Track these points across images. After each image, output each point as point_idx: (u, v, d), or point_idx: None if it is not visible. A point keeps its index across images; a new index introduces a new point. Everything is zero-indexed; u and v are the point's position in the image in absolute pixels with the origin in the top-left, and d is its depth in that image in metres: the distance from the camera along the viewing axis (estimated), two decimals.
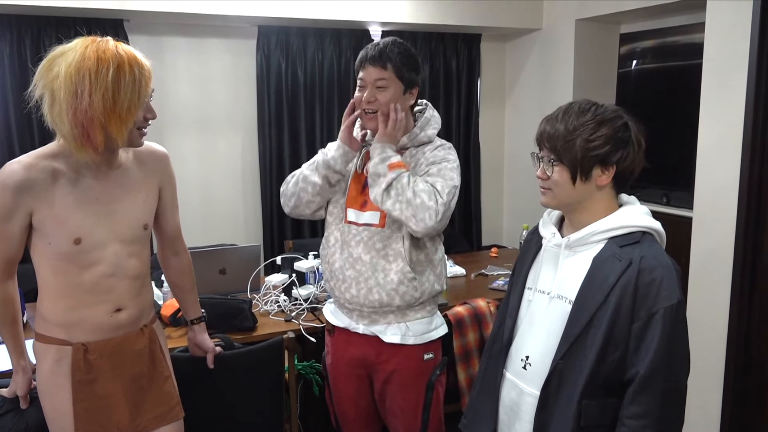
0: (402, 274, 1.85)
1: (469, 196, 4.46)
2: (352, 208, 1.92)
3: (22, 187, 1.48)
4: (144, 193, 1.68)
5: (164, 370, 1.75)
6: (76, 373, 1.59)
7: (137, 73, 1.46)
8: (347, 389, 2.03)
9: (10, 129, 3.30)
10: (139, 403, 1.68)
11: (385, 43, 1.83)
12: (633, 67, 3.73)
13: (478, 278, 3.25)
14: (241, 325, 2.43)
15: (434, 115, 1.96)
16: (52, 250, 1.55)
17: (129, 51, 1.48)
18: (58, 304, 1.59)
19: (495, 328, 1.65)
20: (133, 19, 3.43)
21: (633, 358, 1.32)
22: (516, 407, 1.49)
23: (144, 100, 1.50)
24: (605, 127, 1.36)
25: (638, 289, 1.32)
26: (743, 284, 2.55)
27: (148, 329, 1.72)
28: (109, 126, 1.45)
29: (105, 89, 1.42)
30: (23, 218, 1.52)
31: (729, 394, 2.63)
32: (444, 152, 1.90)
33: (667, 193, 3.44)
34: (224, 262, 2.82)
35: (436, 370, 1.97)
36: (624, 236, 1.39)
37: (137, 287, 1.67)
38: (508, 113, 4.60)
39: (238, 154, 3.93)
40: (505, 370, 1.54)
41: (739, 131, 2.50)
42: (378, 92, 1.82)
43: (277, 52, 3.78)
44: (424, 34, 4.12)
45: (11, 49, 3.24)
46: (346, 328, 1.98)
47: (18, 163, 1.51)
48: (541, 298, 1.48)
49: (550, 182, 1.41)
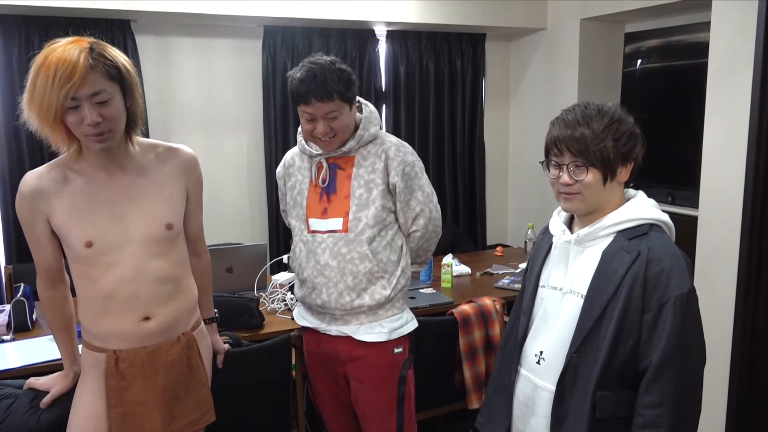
0: (370, 274, 1.90)
1: (474, 195, 4.47)
2: (314, 217, 1.95)
3: (35, 195, 1.55)
4: (168, 193, 1.65)
5: (201, 377, 1.73)
6: (110, 380, 1.60)
7: (56, 71, 1.38)
8: (326, 384, 2.07)
9: (19, 128, 3.32)
10: (173, 410, 1.67)
11: (321, 74, 1.78)
12: (638, 67, 3.73)
13: (484, 277, 3.26)
14: (248, 323, 2.45)
15: (372, 111, 1.99)
16: (72, 254, 1.58)
17: (64, 52, 1.40)
18: (87, 311, 1.61)
19: (508, 327, 1.66)
20: (140, 19, 3.45)
21: (646, 349, 1.34)
22: (531, 402, 1.51)
23: (60, 100, 1.39)
24: (624, 125, 1.41)
25: (648, 279, 1.34)
26: (748, 283, 2.55)
27: (185, 337, 1.68)
28: (36, 120, 1.46)
29: (28, 83, 1.46)
30: (44, 225, 1.58)
31: (734, 391, 2.64)
32: (411, 158, 1.94)
33: (672, 192, 3.44)
34: (231, 260, 2.84)
35: (406, 363, 2.00)
36: (632, 229, 1.41)
37: (167, 292, 1.63)
38: (513, 113, 4.60)
39: (244, 153, 3.95)
40: (519, 366, 1.55)
41: (744, 130, 2.50)
42: (331, 122, 1.85)
43: (282, 52, 3.79)
44: (429, 34, 4.13)
45: (19, 50, 3.26)
46: (316, 329, 2.01)
47: (31, 174, 1.59)
48: (553, 295, 1.49)
49: (578, 187, 1.40)
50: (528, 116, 4.40)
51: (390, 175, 1.91)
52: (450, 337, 2.52)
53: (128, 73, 1.52)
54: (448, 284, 3.07)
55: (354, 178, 1.92)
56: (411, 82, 4.15)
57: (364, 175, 1.92)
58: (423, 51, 4.15)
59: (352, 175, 1.92)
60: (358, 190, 1.91)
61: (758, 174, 2.48)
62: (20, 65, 3.27)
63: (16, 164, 3.35)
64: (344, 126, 1.88)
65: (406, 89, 4.14)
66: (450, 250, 3.39)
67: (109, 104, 1.47)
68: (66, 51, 1.41)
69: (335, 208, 1.92)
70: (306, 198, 1.98)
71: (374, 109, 2.00)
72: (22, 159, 3.36)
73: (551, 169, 1.46)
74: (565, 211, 1.50)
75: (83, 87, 1.41)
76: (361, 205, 1.90)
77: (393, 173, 1.91)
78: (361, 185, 1.91)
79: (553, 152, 1.43)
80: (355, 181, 1.92)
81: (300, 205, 1.99)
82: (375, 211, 1.90)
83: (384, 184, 1.91)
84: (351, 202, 1.91)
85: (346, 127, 1.89)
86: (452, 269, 3.13)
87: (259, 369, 2.17)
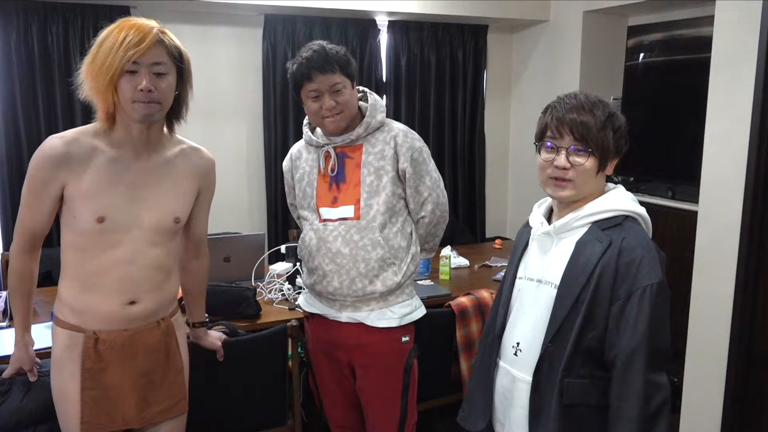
0: (382, 261, 1.90)
1: (474, 187, 4.46)
2: (324, 206, 1.95)
3: (61, 160, 1.53)
4: (182, 189, 1.69)
5: (177, 364, 1.73)
6: (86, 361, 1.59)
7: (127, 35, 1.46)
8: (329, 372, 2.06)
9: (17, 115, 3.31)
10: (148, 396, 1.67)
11: (320, 50, 1.85)
12: (640, 60, 3.70)
13: (482, 269, 3.25)
14: (245, 312, 2.45)
15: (377, 99, 1.99)
16: (77, 224, 1.56)
17: (137, 22, 1.50)
18: (73, 285, 1.60)
19: (488, 320, 1.67)
20: (140, 6, 3.43)
21: (612, 338, 1.34)
22: (509, 394, 1.51)
23: (123, 61, 1.46)
24: (619, 119, 1.42)
25: (618, 269, 1.34)
26: (747, 278, 2.55)
27: (165, 323, 1.70)
28: (90, 82, 1.49)
29: (93, 47, 1.50)
30: (56, 191, 1.56)
31: (731, 387, 2.64)
32: (419, 144, 1.95)
33: (673, 186, 3.43)
34: (229, 250, 2.83)
35: (411, 353, 2.01)
36: (607, 220, 1.41)
37: (159, 280, 1.65)
38: (514, 105, 4.59)
39: (243, 142, 3.93)
40: (498, 359, 1.55)
41: (746, 126, 2.49)
42: (336, 96, 1.86)
43: (283, 41, 3.77)
44: (431, 25, 4.11)
45: (18, 36, 3.24)
46: (324, 315, 2.01)
47: (60, 137, 1.56)
48: (529, 286, 1.50)
49: (573, 173, 1.39)
50: (529, 109, 4.38)
51: (399, 162, 1.92)
52: (447, 329, 2.51)
53: (187, 61, 1.61)
54: (446, 276, 3.06)
55: (363, 165, 1.92)
56: (412, 73, 4.13)
57: (373, 162, 1.91)
58: (424, 42, 4.13)
59: (362, 163, 1.92)
60: (368, 177, 1.91)
61: (759, 169, 2.47)
62: (18, 51, 3.26)
63: (14, 151, 3.34)
64: (348, 102, 1.88)
65: (407, 80, 4.12)
66: (449, 243, 3.38)
67: (165, 78, 1.54)
68: (139, 21, 1.51)
69: (345, 197, 1.92)
70: (315, 188, 1.97)
71: (378, 98, 2.00)
72: (20, 146, 3.34)
73: (544, 153, 1.44)
74: (554, 198, 1.48)
75: (147, 54, 1.49)
76: (372, 192, 1.91)
77: (402, 159, 1.91)
78: (371, 172, 1.91)
79: (550, 134, 1.42)
80: (365, 168, 1.92)
81: (310, 195, 1.98)
82: (386, 197, 1.90)
83: (394, 171, 1.91)
84: (361, 190, 1.91)
85: (351, 103, 1.89)
86: (450, 261, 3.12)
87: (255, 359, 2.17)
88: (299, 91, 1.90)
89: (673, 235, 3.20)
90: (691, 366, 2.76)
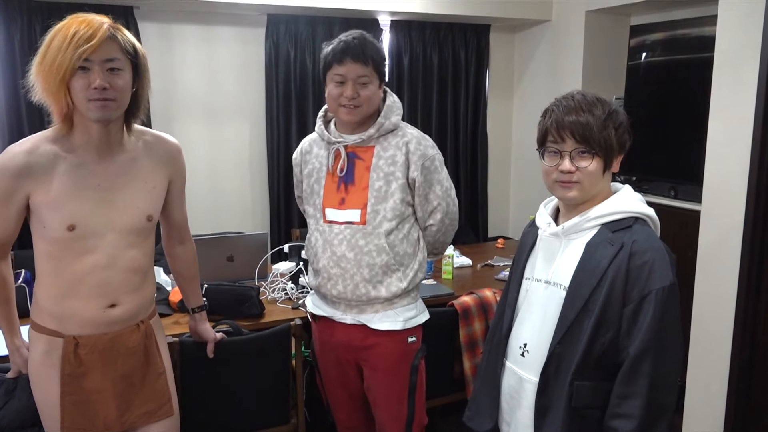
0: (387, 267, 1.89)
1: (476, 187, 4.46)
2: (331, 207, 1.93)
3: (22, 171, 1.49)
4: (151, 184, 1.65)
5: (158, 366, 1.70)
6: (66, 366, 1.57)
7: (77, 31, 1.41)
8: (336, 374, 2.06)
9: (20, 113, 3.32)
10: (128, 399, 1.65)
11: (361, 39, 1.84)
12: (643, 60, 3.70)
13: (484, 269, 3.26)
14: (248, 311, 2.45)
15: (395, 101, 1.97)
16: (47, 234, 1.53)
17: (87, 17, 1.44)
18: (50, 292, 1.57)
19: (494, 320, 1.66)
20: (143, 5, 3.44)
21: (625, 341, 1.34)
22: (516, 394, 1.51)
23: (74, 59, 1.40)
24: (620, 115, 1.41)
25: (630, 272, 1.33)
26: (750, 278, 2.55)
27: (144, 325, 1.68)
28: (41, 83, 1.45)
29: (42, 45, 1.45)
30: (21, 201, 1.52)
31: (734, 387, 2.64)
32: (432, 152, 1.92)
33: (675, 186, 3.43)
34: (232, 249, 2.84)
35: (419, 353, 2.00)
36: (616, 222, 1.40)
37: (137, 282, 1.63)
38: (516, 104, 4.59)
39: (246, 142, 3.94)
40: (504, 359, 1.55)
41: (749, 125, 2.48)
42: (360, 88, 1.84)
43: (285, 41, 3.78)
44: (433, 24, 4.11)
45: (22, 35, 3.25)
46: (330, 317, 2.00)
47: (20, 146, 1.51)
48: (537, 287, 1.49)
49: (579, 175, 1.39)
50: (531, 109, 4.38)
51: (410, 170, 1.89)
52: (450, 328, 2.52)
53: (142, 56, 1.55)
54: (449, 276, 3.07)
55: (373, 169, 1.89)
56: (414, 73, 4.13)
57: (383, 167, 1.89)
58: (427, 41, 4.13)
59: (372, 167, 1.89)
60: (377, 182, 1.88)
61: (762, 169, 2.47)
62: (22, 50, 3.26)
63: None
64: (370, 98, 1.86)
65: (410, 80, 4.12)
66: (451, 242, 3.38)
67: (119, 75, 1.48)
68: (88, 17, 1.45)
69: (353, 199, 1.90)
70: (323, 187, 1.95)
71: (397, 99, 1.98)
72: None
73: (547, 158, 1.43)
74: (562, 200, 1.47)
75: (99, 51, 1.43)
76: (380, 198, 1.88)
77: (413, 167, 1.88)
78: (380, 177, 1.89)
79: (552, 138, 1.41)
80: (375, 172, 1.89)
81: (317, 193, 1.96)
82: (393, 204, 1.88)
83: (404, 178, 1.89)
84: (369, 194, 1.88)
85: (372, 101, 1.87)
86: (453, 261, 3.13)
87: (259, 358, 2.18)
88: (326, 71, 1.87)
89: (675, 234, 3.19)
90: (693, 366, 2.76)
